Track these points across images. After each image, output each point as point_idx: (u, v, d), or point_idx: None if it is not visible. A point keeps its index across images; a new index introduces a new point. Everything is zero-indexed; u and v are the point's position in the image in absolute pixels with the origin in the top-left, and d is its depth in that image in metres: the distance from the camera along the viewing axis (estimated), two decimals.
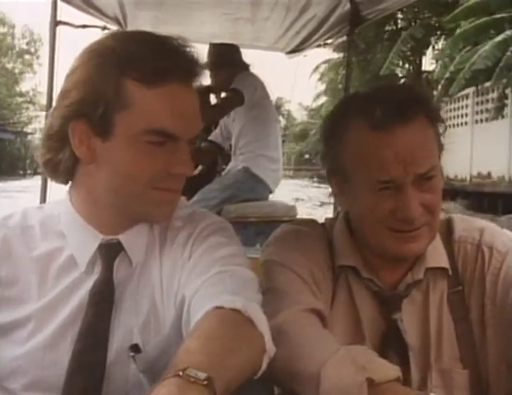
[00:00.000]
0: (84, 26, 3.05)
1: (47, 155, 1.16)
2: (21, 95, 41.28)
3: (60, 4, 2.82)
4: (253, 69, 3.66)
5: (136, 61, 1.08)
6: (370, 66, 21.34)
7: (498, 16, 14.02)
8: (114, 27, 3.29)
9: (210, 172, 3.78)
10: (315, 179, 38.37)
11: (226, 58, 3.50)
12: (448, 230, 1.32)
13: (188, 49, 1.12)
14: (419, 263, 1.27)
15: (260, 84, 3.57)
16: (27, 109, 41.07)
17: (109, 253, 1.15)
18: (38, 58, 42.00)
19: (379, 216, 1.19)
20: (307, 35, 3.44)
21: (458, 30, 15.02)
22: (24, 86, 41.79)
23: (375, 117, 1.17)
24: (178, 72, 1.09)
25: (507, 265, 1.24)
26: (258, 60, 3.87)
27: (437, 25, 18.26)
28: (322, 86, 37.17)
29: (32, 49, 43.17)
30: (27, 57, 42.68)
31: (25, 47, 42.98)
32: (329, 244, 1.34)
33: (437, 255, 1.28)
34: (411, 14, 18.65)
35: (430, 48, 21.04)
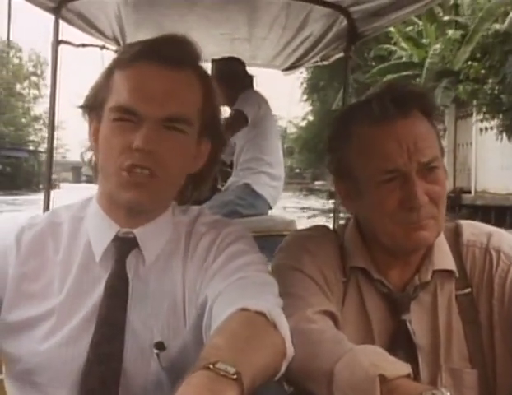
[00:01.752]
0: (84, 45, 3.09)
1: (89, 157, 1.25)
2: (35, 118, 44.04)
3: (62, 24, 2.85)
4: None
5: (123, 53, 1.19)
6: (328, 101, 25.06)
7: (404, 73, 18.97)
8: (112, 46, 3.32)
9: (210, 188, 3.80)
10: (304, 192, 39.23)
11: (229, 74, 3.50)
12: (456, 234, 1.35)
13: (175, 37, 1.18)
14: (426, 265, 1.29)
15: (264, 102, 3.60)
16: (40, 130, 43.36)
17: (123, 246, 1.18)
18: (44, 79, 44.07)
19: (388, 210, 1.23)
20: (304, 53, 3.46)
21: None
22: (37, 110, 44.50)
23: (374, 112, 1.24)
24: (150, 53, 1.14)
25: None
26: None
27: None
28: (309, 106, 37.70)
29: (38, 71, 45.93)
30: (34, 78, 45.52)
31: (31, 69, 45.81)
32: (340, 248, 1.36)
33: (444, 258, 1.31)
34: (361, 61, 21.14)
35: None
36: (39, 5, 2.66)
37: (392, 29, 17.01)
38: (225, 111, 3.54)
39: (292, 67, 3.83)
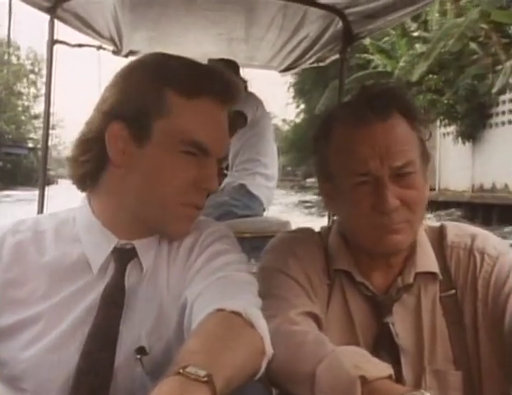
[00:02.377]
0: (80, 45, 3.07)
1: (77, 155, 1.20)
2: (35, 117, 45.73)
3: (57, 24, 2.85)
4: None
5: (177, 74, 1.15)
6: (312, 104, 27.32)
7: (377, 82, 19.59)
8: (109, 47, 3.32)
9: None
10: (296, 189, 39.88)
11: None
12: (440, 235, 1.36)
13: (224, 72, 1.19)
14: (409, 268, 1.30)
15: (260, 103, 3.61)
16: (39, 128, 46.06)
17: (123, 257, 1.18)
18: (42, 77, 45.56)
19: (362, 213, 1.23)
20: (300, 54, 3.46)
21: None
22: (37, 108, 46.19)
23: (351, 114, 1.25)
24: (214, 89, 1.16)
25: (498, 269, 1.27)
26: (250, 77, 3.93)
27: None
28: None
29: (36, 69, 48.01)
30: (32, 76, 47.49)
31: (29, 67, 47.91)
32: (325, 250, 1.37)
33: (427, 260, 1.31)
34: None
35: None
36: (33, 5, 2.65)
37: (367, 40, 18.63)
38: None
39: (289, 68, 3.83)
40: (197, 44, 3.56)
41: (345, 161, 1.26)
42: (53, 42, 2.82)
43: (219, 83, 1.17)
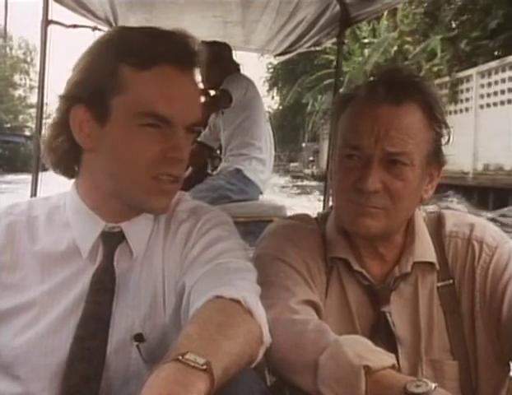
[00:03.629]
0: (75, 26, 3.04)
1: (52, 144, 1.17)
2: (32, 106, 47.02)
3: (52, 5, 2.82)
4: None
5: (131, 47, 1.11)
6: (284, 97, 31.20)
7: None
8: (104, 28, 3.28)
9: (200, 174, 3.78)
10: (280, 173, 40.29)
11: (217, 57, 3.48)
12: (438, 224, 1.35)
13: (183, 36, 1.13)
14: (406, 257, 1.29)
15: (251, 85, 3.58)
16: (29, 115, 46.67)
17: (111, 241, 1.17)
18: (34, 66, 48.07)
19: (344, 187, 1.23)
20: (297, 38, 3.45)
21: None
22: (34, 98, 48.00)
23: (368, 92, 1.23)
24: (170, 55, 1.10)
25: (496, 259, 1.26)
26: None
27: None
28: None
29: (28, 59, 49.94)
30: (24, 65, 49.34)
31: (21, 57, 49.62)
32: (322, 237, 1.35)
33: (425, 249, 1.30)
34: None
35: None
36: None
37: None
38: None
39: (285, 52, 3.81)
40: (193, 27, 3.52)
41: (345, 131, 1.26)
42: (47, 22, 2.79)
43: (174, 49, 1.11)
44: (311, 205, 13.38)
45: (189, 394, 0.77)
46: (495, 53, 17.50)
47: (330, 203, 1.53)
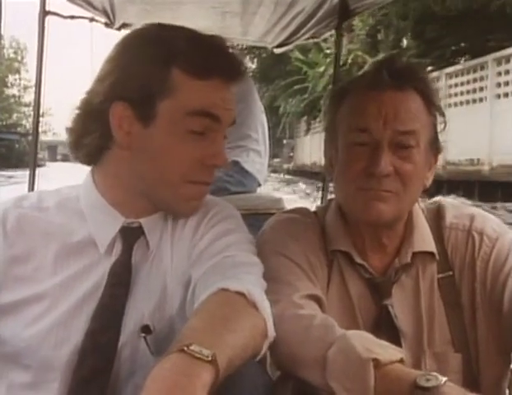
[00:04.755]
0: (72, 17, 3.02)
1: (79, 132, 1.17)
2: (26, 105, 49.72)
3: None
4: None
5: (184, 52, 1.11)
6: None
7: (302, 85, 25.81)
8: (101, 19, 3.26)
9: None
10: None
11: None
12: (438, 216, 1.35)
13: (229, 49, 1.17)
14: (405, 248, 1.29)
15: (245, 76, 3.56)
16: (30, 115, 47.95)
17: (130, 236, 1.17)
18: (25, 65, 50.80)
19: (352, 175, 1.23)
20: (295, 29, 3.41)
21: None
22: (28, 98, 50.21)
23: (370, 79, 1.25)
24: (223, 70, 1.14)
25: (497, 250, 1.27)
26: None
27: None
28: None
29: (19, 57, 51.54)
30: (15, 64, 50.97)
31: (13, 55, 50.95)
32: (322, 230, 1.35)
33: (424, 240, 1.30)
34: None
35: None
36: None
37: (295, 53, 24.02)
38: None
39: (283, 44, 3.78)
40: (191, 18, 3.51)
41: (350, 118, 1.26)
42: (44, 13, 2.78)
43: (227, 62, 1.15)
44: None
45: (194, 385, 0.78)
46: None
47: (329, 198, 1.53)
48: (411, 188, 1.24)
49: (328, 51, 23.60)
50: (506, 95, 14.62)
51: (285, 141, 36.08)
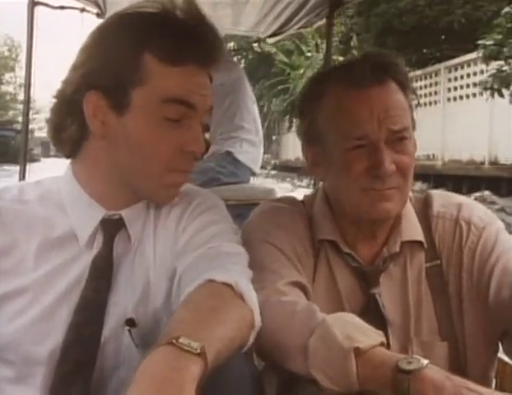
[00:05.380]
0: (62, 8, 3.00)
1: (55, 122, 1.16)
2: (21, 102, 50.66)
3: None
4: None
5: (157, 38, 1.09)
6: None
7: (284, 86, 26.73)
8: (93, 10, 3.23)
9: None
10: None
11: None
12: (425, 205, 1.35)
13: (208, 33, 1.12)
14: (394, 237, 1.29)
15: (234, 67, 3.55)
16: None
17: (111, 228, 1.16)
18: (19, 62, 50.22)
19: (354, 177, 1.22)
20: (287, 19, 3.40)
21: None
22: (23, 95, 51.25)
23: (352, 76, 1.23)
24: (198, 56, 1.11)
25: (484, 239, 1.27)
26: None
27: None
28: None
29: (14, 55, 52.13)
30: (10, 62, 51.79)
31: (7, 53, 52.05)
32: (309, 219, 1.35)
33: (412, 229, 1.30)
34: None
35: None
36: None
37: (279, 55, 25.59)
38: None
39: (275, 34, 3.77)
40: None
41: (339, 123, 1.24)
42: (33, 3, 2.76)
43: (202, 48, 1.11)
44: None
45: (183, 378, 0.78)
46: None
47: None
48: (410, 178, 1.25)
49: (308, 54, 25.19)
50: (455, 99, 16.19)
51: (273, 137, 36.58)
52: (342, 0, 2.90)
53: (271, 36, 3.84)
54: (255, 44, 4.19)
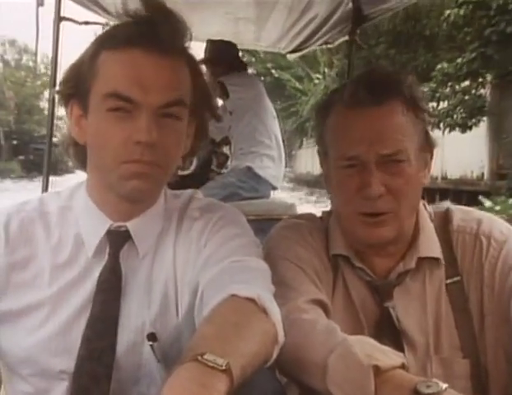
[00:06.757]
0: (86, 23, 3.04)
1: (63, 138, 1.20)
2: (59, 118, 54.13)
3: (65, 3, 2.82)
4: None
5: (111, 33, 1.11)
6: None
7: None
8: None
9: (203, 171, 3.73)
10: None
11: (222, 56, 3.48)
12: (446, 220, 1.33)
13: (162, 19, 1.10)
14: (411, 252, 1.28)
15: (255, 83, 3.57)
16: (62, 128, 53.21)
17: (117, 240, 1.15)
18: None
19: (347, 196, 1.23)
20: (308, 35, 3.42)
21: None
22: (60, 112, 53.52)
23: (350, 94, 1.23)
24: (140, 39, 1.08)
25: (504, 254, 1.25)
26: None
27: None
28: None
29: (49, 72, 51.61)
30: (45, 78, 52.45)
31: (43, 71, 52.16)
32: (326, 236, 1.36)
33: (430, 245, 1.29)
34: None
35: None
36: None
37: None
38: None
39: (296, 49, 3.79)
40: (205, 24, 3.52)
41: (336, 141, 1.26)
42: (59, 19, 2.79)
43: (146, 32, 1.08)
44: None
45: None
46: None
47: None
48: (407, 201, 1.23)
49: (316, 81, 27.24)
50: None
51: (293, 152, 37.26)
52: (364, 17, 2.90)
53: (292, 52, 3.86)
54: (273, 71, 4.24)
